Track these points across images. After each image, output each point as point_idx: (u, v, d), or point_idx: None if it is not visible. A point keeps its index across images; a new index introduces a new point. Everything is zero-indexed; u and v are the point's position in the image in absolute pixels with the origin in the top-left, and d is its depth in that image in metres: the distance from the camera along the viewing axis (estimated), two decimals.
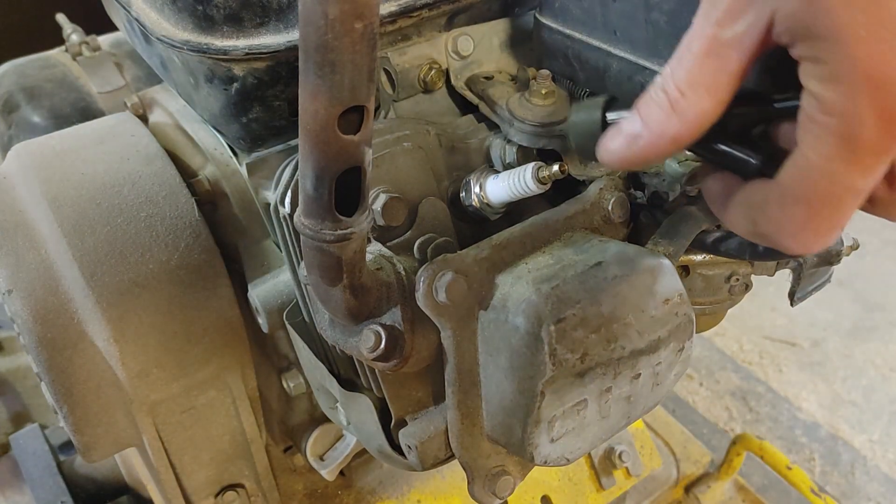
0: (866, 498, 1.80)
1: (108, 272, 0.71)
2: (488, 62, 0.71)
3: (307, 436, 0.90)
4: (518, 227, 0.59)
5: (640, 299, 0.56)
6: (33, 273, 0.71)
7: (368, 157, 0.41)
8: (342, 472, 1.02)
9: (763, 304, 2.29)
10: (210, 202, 0.80)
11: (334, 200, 0.42)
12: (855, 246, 0.75)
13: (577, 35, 0.62)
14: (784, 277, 0.78)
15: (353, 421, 0.71)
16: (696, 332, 0.60)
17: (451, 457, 0.61)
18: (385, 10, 0.64)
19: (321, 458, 0.91)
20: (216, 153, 0.82)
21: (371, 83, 0.37)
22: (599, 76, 0.61)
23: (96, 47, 1.12)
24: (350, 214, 0.44)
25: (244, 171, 0.77)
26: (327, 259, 0.47)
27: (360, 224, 0.45)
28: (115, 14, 0.78)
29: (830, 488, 1.81)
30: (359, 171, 0.41)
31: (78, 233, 0.72)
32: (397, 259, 0.57)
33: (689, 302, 0.59)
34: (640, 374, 0.57)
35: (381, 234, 0.60)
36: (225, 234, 0.79)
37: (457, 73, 0.70)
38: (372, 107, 0.39)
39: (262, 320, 0.75)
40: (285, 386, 0.86)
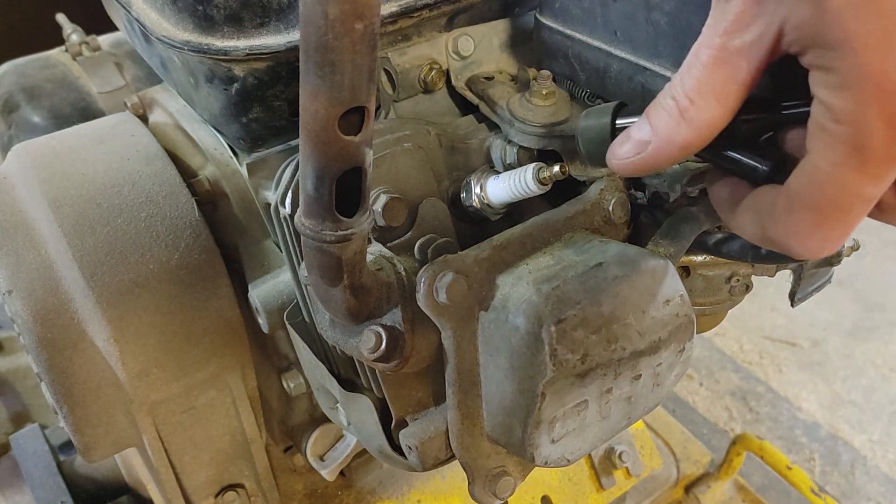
0: (866, 498, 1.80)
1: (108, 272, 0.71)
2: (488, 62, 0.71)
3: (307, 436, 0.90)
4: (518, 227, 0.59)
5: (641, 300, 0.56)
6: (33, 273, 0.71)
7: (369, 157, 0.41)
8: (342, 473, 1.02)
9: (763, 304, 2.29)
10: (210, 202, 0.80)
11: (335, 201, 0.42)
12: (855, 246, 0.75)
13: (578, 35, 0.62)
14: (784, 278, 0.78)
15: (353, 421, 0.71)
16: (696, 333, 0.60)
17: (452, 457, 0.61)
18: (385, 10, 0.64)
19: (321, 458, 0.91)
20: (216, 153, 0.82)
21: (371, 83, 0.37)
22: (600, 76, 0.61)
23: (96, 47, 1.12)
24: (350, 215, 0.44)
25: (244, 171, 0.77)
26: (328, 259, 0.47)
27: (361, 224, 0.45)
28: (115, 14, 0.78)
29: (830, 488, 1.80)
30: (359, 171, 0.41)
31: (78, 233, 0.72)
32: (398, 259, 0.57)
33: (690, 303, 0.59)
34: (641, 374, 0.57)
35: (381, 234, 0.60)
36: (225, 234, 0.79)
37: (457, 73, 0.69)
38: (372, 107, 0.39)
39: (262, 320, 0.75)
40: (285, 386, 0.86)
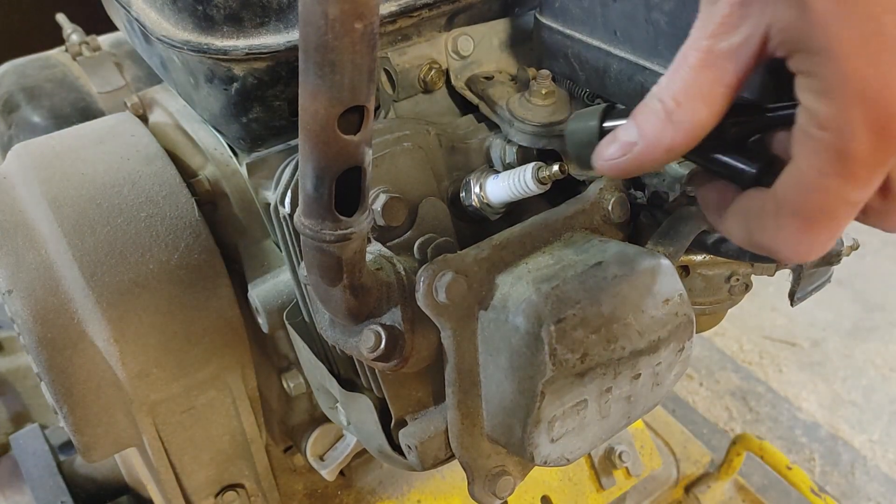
0: (866, 498, 1.80)
1: (108, 272, 0.71)
2: (488, 62, 0.71)
3: (307, 436, 0.90)
4: (518, 227, 0.59)
5: (641, 299, 0.56)
6: (33, 273, 0.71)
7: (368, 157, 0.41)
8: (342, 472, 1.02)
9: (763, 304, 2.29)
10: (210, 202, 0.80)
11: (334, 200, 0.42)
12: (855, 246, 0.75)
13: (578, 35, 0.62)
14: (784, 277, 0.78)
15: (353, 421, 0.71)
16: (696, 332, 0.60)
17: (451, 457, 0.61)
18: (385, 10, 0.64)
19: (321, 458, 0.91)
20: (216, 153, 0.82)
21: (371, 83, 0.37)
22: (599, 76, 0.61)
23: (96, 47, 1.12)
24: (350, 214, 0.44)
25: (244, 171, 0.77)
26: (327, 259, 0.47)
27: (361, 224, 0.45)
28: (115, 14, 0.78)
29: (830, 488, 1.80)
30: (359, 171, 0.41)
31: (78, 233, 0.72)
32: (397, 259, 0.57)
33: (689, 302, 0.59)
34: (640, 374, 0.57)
35: (381, 234, 0.60)
36: (225, 234, 0.79)
37: (457, 73, 0.69)
38: (372, 107, 0.39)
39: (262, 320, 0.75)
40: (285, 386, 0.86)
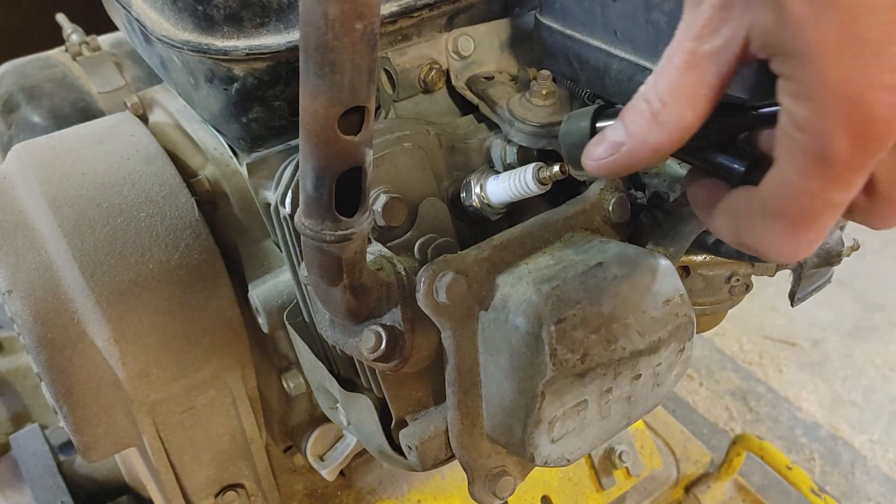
0: (866, 498, 1.80)
1: (108, 272, 0.71)
2: (488, 62, 0.71)
3: (307, 436, 0.90)
4: (518, 227, 0.59)
5: (641, 300, 0.56)
6: (33, 273, 0.71)
7: (369, 157, 0.41)
8: (342, 472, 1.02)
9: (763, 304, 2.29)
10: (210, 202, 0.80)
11: (335, 201, 0.42)
12: (855, 246, 0.75)
13: (578, 35, 0.62)
14: (784, 277, 0.78)
15: (353, 421, 0.71)
16: (696, 333, 0.60)
17: (452, 457, 0.61)
18: (385, 10, 0.64)
19: (321, 458, 0.91)
20: (216, 153, 0.82)
21: (371, 83, 0.37)
22: (600, 76, 0.61)
23: (96, 47, 1.12)
24: (350, 215, 0.44)
25: (244, 171, 0.77)
26: (327, 259, 0.47)
27: (361, 224, 0.45)
28: (115, 14, 0.78)
29: (830, 488, 1.80)
30: (359, 171, 0.41)
31: (78, 233, 0.72)
32: (398, 259, 0.57)
33: (690, 302, 0.59)
34: (641, 374, 0.57)
35: (381, 234, 0.60)
36: (225, 234, 0.79)
37: (457, 73, 0.69)
38: (372, 107, 0.39)
39: (262, 320, 0.75)
40: (285, 386, 0.86)
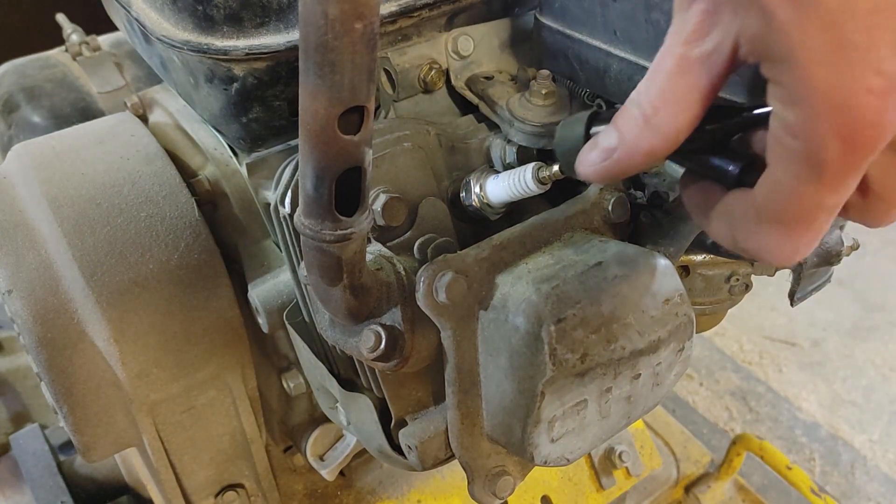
0: (866, 498, 1.80)
1: (108, 272, 0.71)
2: (488, 62, 0.71)
3: (307, 436, 0.90)
4: (518, 227, 0.59)
5: (641, 299, 0.56)
6: (33, 273, 0.71)
7: (368, 157, 0.41)
8: (342, 472, 1.02)
9: (763, 304, 2.29)
10: (210, 202, 0.80)
11: (334, 200, 0.42)
12: (855, 246, 0.75)
13: (578, 35, 0.62)
14: (784, 277, 0.78)
15: (353, 421, 0.71)
16: (696, 332, 0.60)
17: (451, 457, 0.61)
18: (385, 10, 0.64)
19: (321, 458, 0.91)
20: (216, 153, 0.82)
21: (371, 83, 0.37)
22: (600, 76, 0.61)
23: (96, 47, 1.12)
24: (350, 214, 0.44)
25: (244, 171, 0.77)
26: (327, 259, 0.47)
27: (361, 224, 0.45)
28: (115, 14, 0.78)
29: (830, 488, 1.80)
30: (359, 171, 0.41)
31: (78, 233, 0.72)
32: (397, 259, 0.57)
33: (689, 302, 0.59)
34: (641, 374, 0.57)
35: (381, 234, 0.60)
36: (225, 234, 0.79)
37: (457, 73, 0.69)
38: (372, 107, 0.39)
39: (262, 320, 0.75)
40: (285, 386, 0.86)
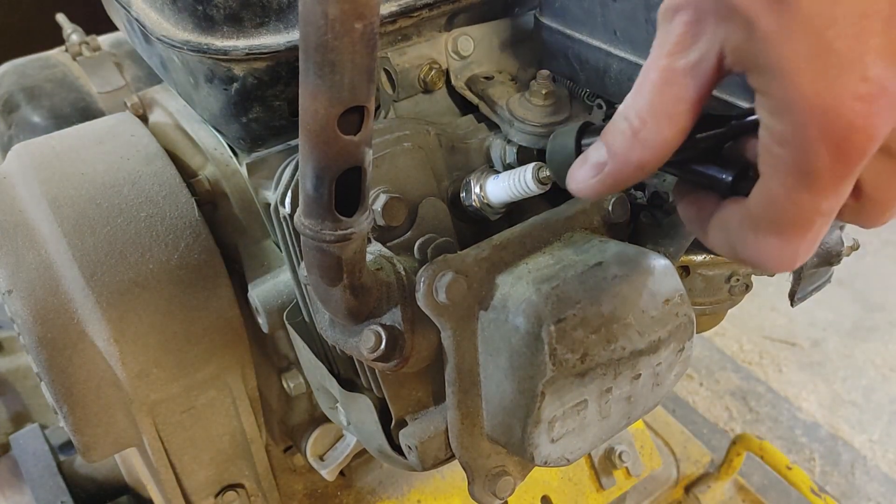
0: (866, 498, 1.80)
1: (108, 272, 0.71)
2: (488, 62, 0.71)
3: (307, 436, 0.90)
4: (518, 227, 0.59)
5: (641, 299, 0.56)
6: (33, 273, 0.71)
7: (368, 157, 0.41)
8: (342, 472, 1.02)
9: (763, 304, 2.29)
10: (210, 202, 0.80)
11: (334, 200, 0.42)
12: (855, 246, 0.75)
13: (578, 35, 0.62)
14: (784, 277, 0.78)
15: (353, 421, 0.71)
16: (696, 333, 0.60)
17: (451, 457, 0.61)
18: (385, 10, 0.64)
19: (321, 458, 0.91)
20: (216, 153, 0.82)
21: (371, 83, 0.37)
22: (600, 76, 0.61)
23: (96, 47, 1.12)
24: (350, 214, 0.44)
25: (244, 171, 0.77)
26: (327, 259, 0.47)
27: (361, 224, 0.45)
28: (115, 14, 0.78)
29: (830, 488, 1.80)
30: (359, 171, 0.41)
31: (78, 233, 0.72)
32: (397, 259, 0.57)
33: (690, 302, 0.59)
34: (641, 374, 0.57)
35: (381, 234, 0.60)
36: (225, 234, 0.79)
37: (457, 73, 0.70)
38: (372, 107, 0.39)
39: (262, 320, 0.75)
40: (285, 386, 0.86)
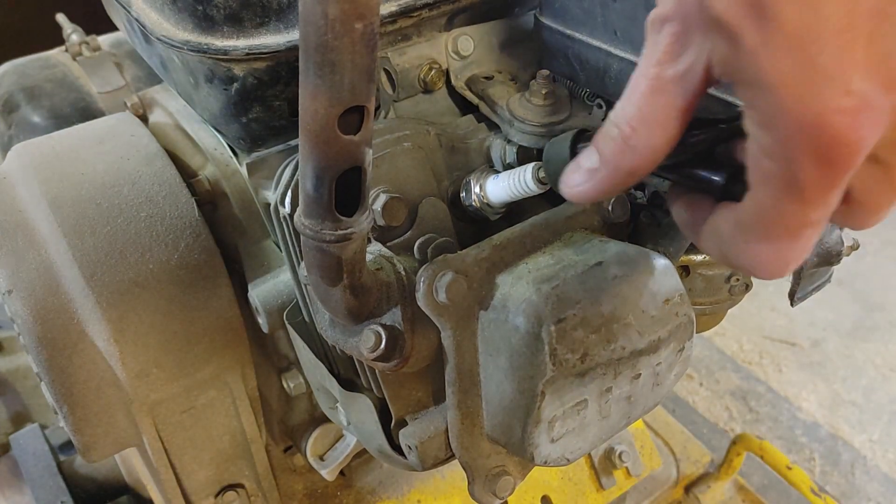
0: (866, 498, 1.80)
1: (108, 272, 0.71)
2: (488, 62, 0.71)
3: (307, 436, 0.90)
4: (518, 227, 0.59)
5: (641, 299, 0.56)
6: (33, 273, 0.71)
7: (368, 157, 0.41)
8: (342, 472, 1.02)
9: (763, 304, 2.29)
10: (210, 202, 0.80)
11: (334, 200, 0.42)
12: (855, 246, 0.75)
13: (578, 35, 0.62)
14: (784, 277, 0.77)
15: (353, 421, 0.71)
16: (696, 333, 0.60)
17: (451, 457, 0.61)
18: (385, 10, 0.64)
19: (321, 458, 0.91)
20: (216, 153, 0.82)
21: (371, 83, 0.37)
22: (600, 76, 0.61)
23: (96, 47, 1.12)
24: (350, 214, 0.44)
25: (244, 171, 0.77)
26: (327, 259, 0.47)
27: (361, 224, 0.45)
28: (115, 14, 0.78)
29: (830, 488, 1.80)
30: (359, 171, 0.41)
31: (78, 233, 0.72)
32: (397, 259, 0.57)
33: (690, 302, 0.59)
34: (641, 374, 0.57)
35: (381, 234, 0.60)
36: (225, 234, 0.79)
37: (457, 73, 0.70)
38: (372, 107, 0.39)
39: (262, 320, 0.75)
40: (285, 386, 0.86)
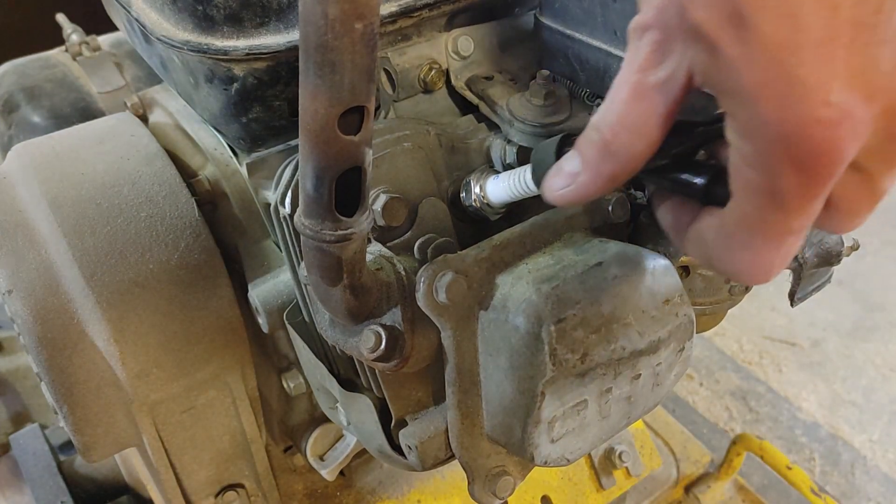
0: (866, 498, 1.80)
1: (108, 272, 0.71)
2: (488, 62, 0.71)
3: (307, 436, 0.90)
4: (518, 227, 0.59)
5: (641, 299, 0.56)
6: (33, 273, 0.71)
7: (369, 157, 0.41)
8: (342, 472, 1.02)
9: (763, 304, 2.29)
10: (210, 202, 0.80)
11: (334, 201, 0.42)
12: (855, 246, 0.75)
13: (578, 35, 0.62)
14: (784, 277, 0.78)
15: (353, 421, 0.71)
16: (696, 333, 0.60)
17: (451, 457, 0.61)
18: (385, 10, 0.64)
19: (321, 458, 0.91)
20: (216, 153, 0.82)
21: (371, 83, 0.37)
22: (600, 76, 0.62)
23: (96, 47, 1.12)
24: (350, 215, 0.44)
25: (244, 171, 0.77)
26: (327, 259, 0.47)
27: (361, 224, 0.45)
28: (115, 14, 0.78)
29: (830, 488, 1.80)
30: (359, 171, 0.42)
31: (78, 233, 0.72)
32: (397, 259, 0.57)
33: (690, 302, 0.59)
34: (641, 374, 0.57)
35: (381, 234, 0.60)
36: (225, 234, 0.79)
37: (457, 73, 0.70)
38: (372, 107, 0.39)
39: (262, 320, 0.75)
40: (285, 386, 0.86)
